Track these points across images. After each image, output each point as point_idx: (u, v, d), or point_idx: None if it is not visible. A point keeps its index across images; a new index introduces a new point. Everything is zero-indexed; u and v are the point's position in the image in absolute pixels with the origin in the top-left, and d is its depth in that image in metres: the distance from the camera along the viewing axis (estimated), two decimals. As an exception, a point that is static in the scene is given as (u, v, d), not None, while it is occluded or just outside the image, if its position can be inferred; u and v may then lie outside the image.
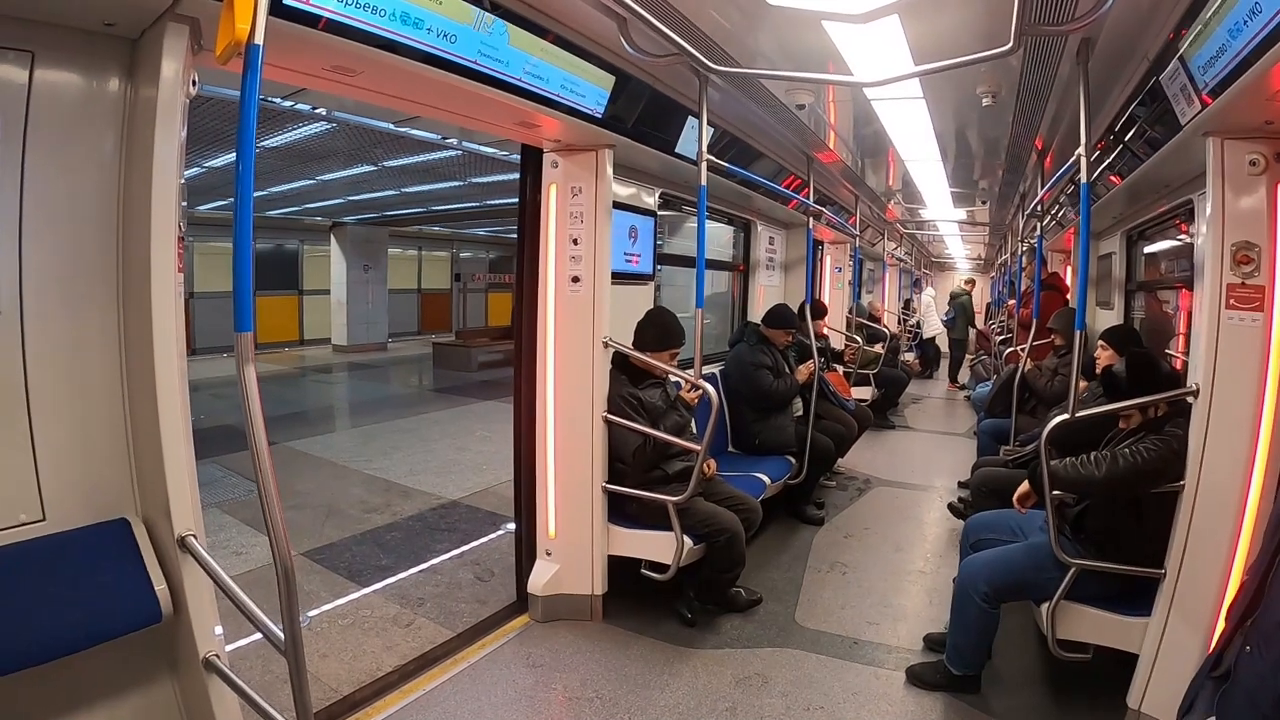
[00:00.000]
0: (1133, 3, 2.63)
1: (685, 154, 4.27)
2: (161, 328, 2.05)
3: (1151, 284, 5.22)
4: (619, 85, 3.51)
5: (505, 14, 2.78)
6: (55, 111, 2.05)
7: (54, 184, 2.06)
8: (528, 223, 4.06)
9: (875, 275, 12.55)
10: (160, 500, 2.10)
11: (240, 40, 1.56)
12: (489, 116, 3.38)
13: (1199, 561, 2.81)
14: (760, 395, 5.43)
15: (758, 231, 7.20)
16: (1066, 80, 3.65)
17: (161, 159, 2.03)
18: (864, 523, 5.79)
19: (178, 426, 2.10)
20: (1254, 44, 2.08)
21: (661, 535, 3.87)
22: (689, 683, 3.48)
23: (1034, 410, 5.88)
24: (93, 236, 2.15)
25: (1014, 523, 3.60)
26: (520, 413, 4.16)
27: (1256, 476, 2.70)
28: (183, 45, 2.04)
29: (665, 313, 4.29)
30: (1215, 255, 2.77)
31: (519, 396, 4.17)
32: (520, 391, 4.16)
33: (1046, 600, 3.13)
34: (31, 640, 1.87)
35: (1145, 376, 3.10)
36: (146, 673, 2.23)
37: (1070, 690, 3.42)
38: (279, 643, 1.72)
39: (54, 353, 2.09)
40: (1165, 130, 3.08)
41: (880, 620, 4.14)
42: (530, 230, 4.07)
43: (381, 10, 2.34)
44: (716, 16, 3.10)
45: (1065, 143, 4.92)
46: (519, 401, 4.17)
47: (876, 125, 5.04)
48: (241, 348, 1.65)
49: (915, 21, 3.02)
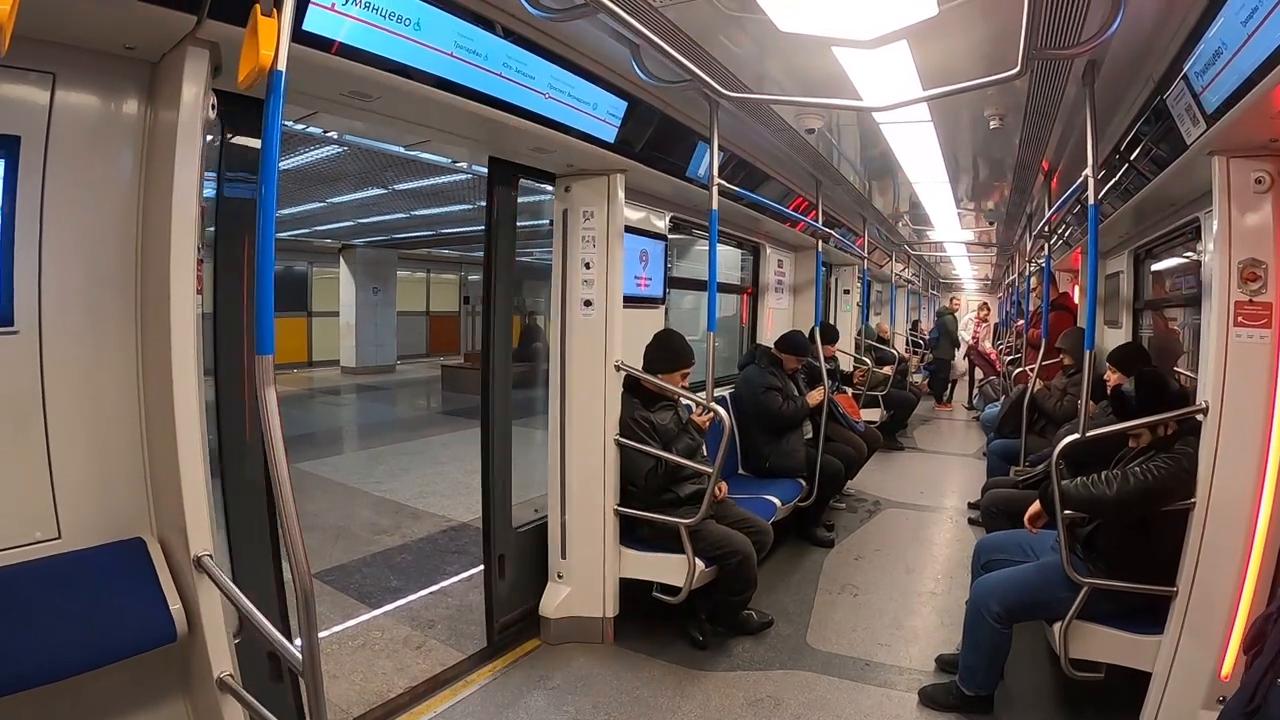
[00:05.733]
0: (1137, 25, 2.66)
1: (696, 178, 4.31)
2: (180, 348, 2.07)
3: (1159, 302, 5.22)
4: (630, 110, 3.56)
5: (519, 40, 2.83)
6: (76, 132, 2.09)
7: (74, 204, 2.10)
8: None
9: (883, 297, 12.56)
10: (176, 520, 2.11)
11: (264, 66, 1.58)
12: (503, 142, 3.43)
13: (1210, 579, 2.80)
14: (770, 418, 5.44)
15: (766, 254, 7.22)
16: (1073, 102, 3.69)
17: (181, 181, 2.06)
18: (874, 544, 5.78)
19: (195, 446, 2.12)
20: (1258, 64, 2.11)
21: (673, 558, 3.87)
22: (701, 705, 3.47)
23: (1043, 430, 5.85)
24: (112, 257, 2.18)
25: (1025, 543, 3.59)
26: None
27: (1267, 494, 2.69)
28: (203, 69, 2.08)
29: (674, 334, 4.31)
30: (1223, 273, 2.79)
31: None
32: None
33: (1059, 619, 3.12)
34: (45, 658, 1.88)
35: (1154, 395, 3.10)
36: (159, 692, 2.24)
37: (1083, 710, 3.41)
38: (296, 664, 1.73)
39: (72, 371, 2.12)
40: (1171, 150, 3.10)
41: (892, 642, 4.12)
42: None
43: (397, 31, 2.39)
44: (727, 43, 3.15)
45: (1071, 163, 4.96)
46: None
47: (884, 148, 5.08)
48: (261, 370, 1.67)
49: (923, 47, 3.07)
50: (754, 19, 2.85)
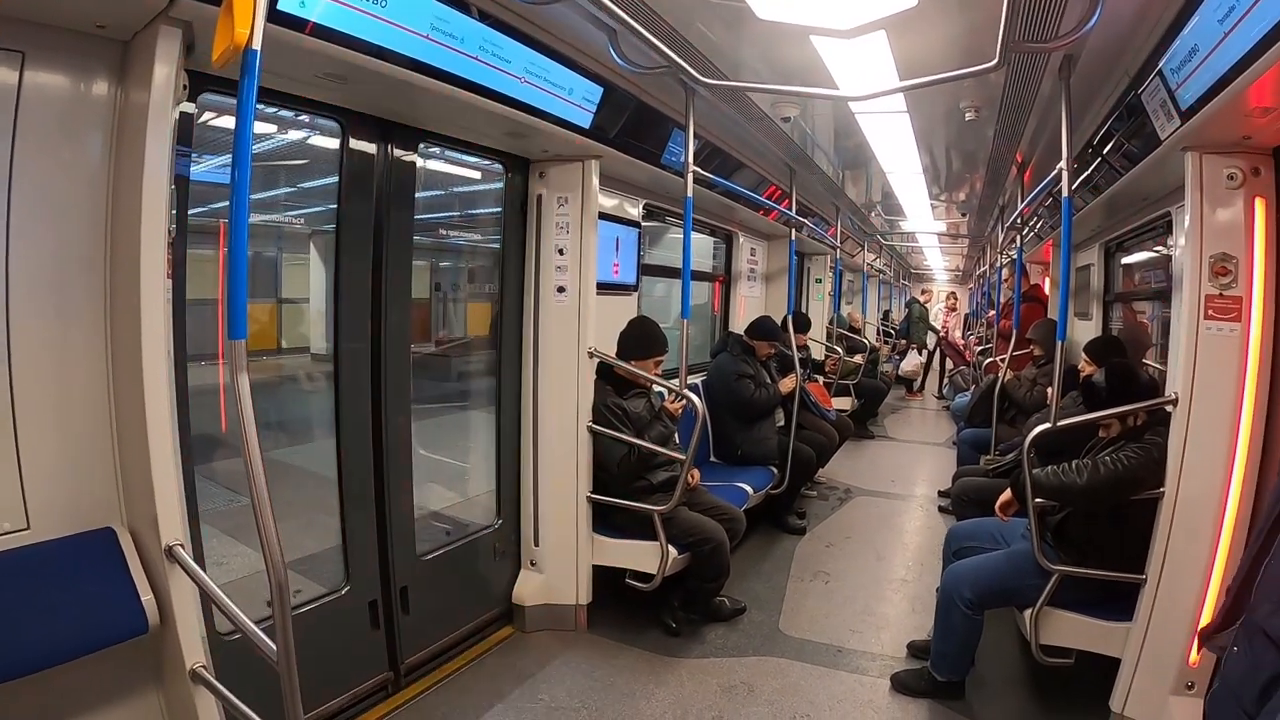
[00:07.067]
0: (1114, 21, 2.68)
1: (670, 165, 4.30)
2: (150, 334, 2.02)
3: (1129, 295, 5.29)
4: (606, 96, 3.53)
5: (495, 23, 2.80)
6: (45, 113, 2.03)
7: (42, 186, 2.04)
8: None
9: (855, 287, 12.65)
10: (147, 509, 2.07)
11: (239, 45, 1.55)
12: (478, 126, 3.39)
13: (1179, 567, 2.86)
14: (742, 405, 5.45)
15: (739, 243, 7.24)
16: (1047, 96, 3.71)
17: (152, 162, 2.00)
18: (845, 532, 5.82)
19: (165, 434, 2.07)
20: (1233, 62, 2.13)
21: (646, 545, 3.88)
22: (674, 692, 3.48)
23: (1013, 420, 5.93)
24: (81, 240, 2.12)
25: (996, 530, 3.63)
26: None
27: (1235, 483, 2.76)
28: (175, 48, 2.03)
29: (648, 321, 4.31)
30: (1194, 267, 2.83)
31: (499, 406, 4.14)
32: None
33: (1029, 606, 3.16)
34: (14, 650, 1.83)
35: (1124, 386, 3.14)
36: (131, 684, 2.19)
37: (1053, 695, 3.46)
38: (271, 654, 1.71)
39: (40, 357, 2.06)
40: (1144, 145, 3.14)
41: (863, 628, 4.16)
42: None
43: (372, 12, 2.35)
44: (705, 30, 3.13)
45: (1045, 156, 5.00)
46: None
47: (859, 138, 5.09)
48: (234, 356, 1.63)
49: (901, 37, 3.07)
50: (732, 6, 2.83)
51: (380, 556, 3.42)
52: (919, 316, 13.62)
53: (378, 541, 3.41)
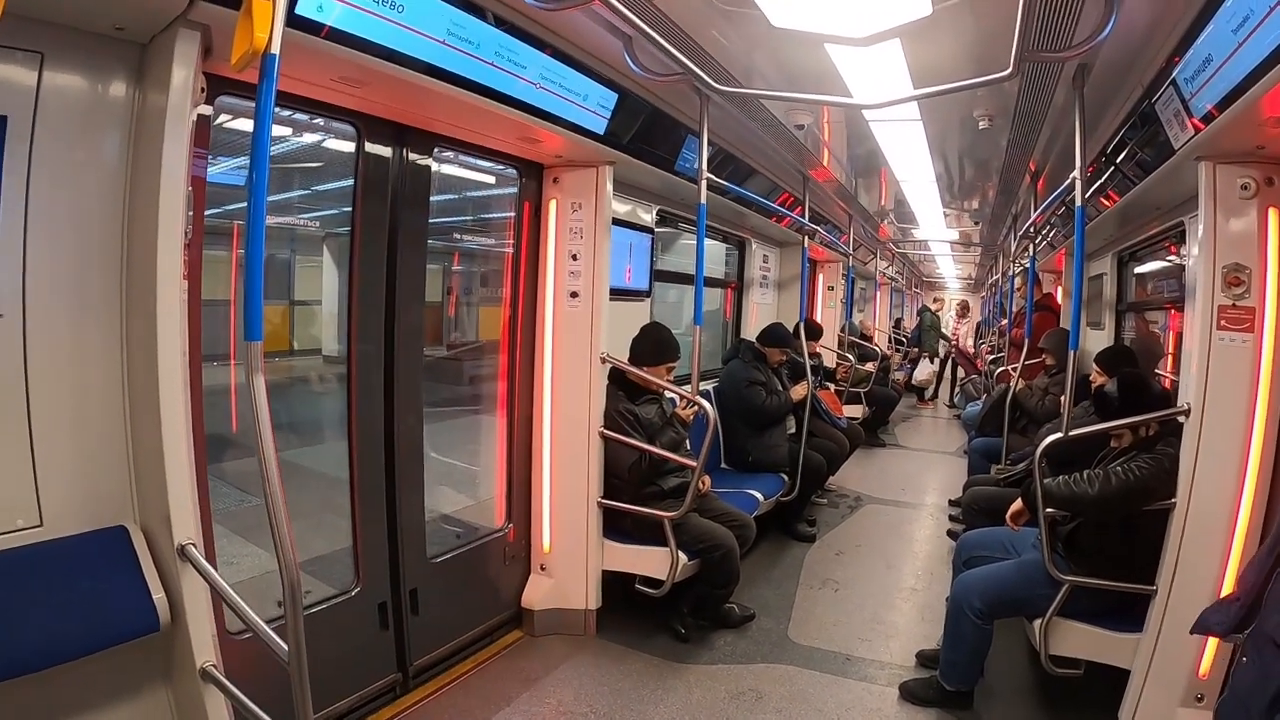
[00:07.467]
0: (1129, 31, 2.67)
1: (684, 171, 4.31)
2: (166, 334, 2.04)
3: (1142, 305, 5.27)
4: (620, 102, 3.55)
5: (511, 29, 2.81)
6: (63, 114, 2.04)
7: (60, 187, 2.05)
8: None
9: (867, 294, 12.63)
10: (160, 508, 2.09)
11: (258, 49, 1.57)
12: (492, 131, 3.41)
13: (1190, 578, 2.84)
14: (753, 412, 5.45)
15: (752, 249, 7.24)
16: (1061, 105, 3.71)
17: (169, 165, 2.02)
18: (855, 540, 5.81)
19: (179, 434, 2.09)
20: (1247, 71, 2.13)
21: (656, 551, 3.88)
22: (683, 698, 3.48)
23: (1025, 429, 5.91)
24: (97, 240, 2.14)
25: (1006, 540, 3.62)
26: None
27: (1247, 495, 2.75)
28: (193, 51, 2.04)
29: (661, 327, 4.31)
30: (1207, 277, 2.82)
31: (510, 411, 4.14)
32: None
33: (1039, 616, 3.15)
34: (25, 647, 1.85)
35: (1136, 396, 3.14)
36: (141, 682, 2.21)
37: (1062, 706, 3.44)
38: (283, 654, 1.72)
39: (56, 356, 2.07)
40: (1158, 154, 3.14)
41: (872, 637, 4.15)
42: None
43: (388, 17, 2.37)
44: (719, 37, 3.14)
45: (1058, 165, 4.98)
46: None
47: (872, 145, 5.09)
48: (251, 357, 1.65)
49: (916, 45, 3.07)
50: (747, 13, 2.84)
51: (390, 558, 3.41)
52: (930, 325, 13.59)
53: (388, 543, 3.41)
